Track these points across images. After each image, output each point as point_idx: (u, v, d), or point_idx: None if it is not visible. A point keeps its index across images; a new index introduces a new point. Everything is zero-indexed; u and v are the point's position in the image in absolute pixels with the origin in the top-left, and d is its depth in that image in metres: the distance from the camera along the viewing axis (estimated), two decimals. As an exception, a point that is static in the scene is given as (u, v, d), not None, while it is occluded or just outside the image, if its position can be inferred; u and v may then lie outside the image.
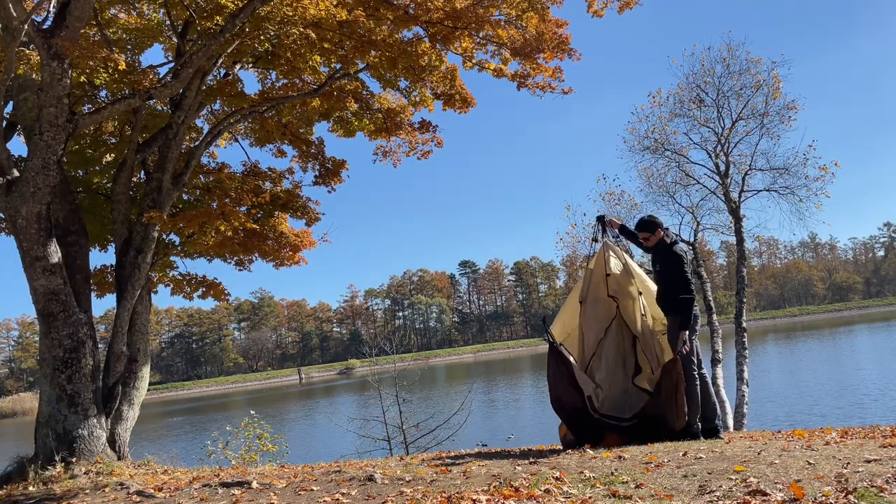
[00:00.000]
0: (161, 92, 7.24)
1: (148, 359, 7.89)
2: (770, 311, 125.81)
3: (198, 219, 7.76)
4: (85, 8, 6.45)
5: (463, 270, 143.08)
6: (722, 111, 15.54)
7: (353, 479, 5.14)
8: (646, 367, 6.25)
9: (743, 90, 15.32)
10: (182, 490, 5.43)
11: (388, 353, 19.53)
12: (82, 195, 8.71)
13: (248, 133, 10.13)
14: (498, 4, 8.18)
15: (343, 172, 9.94)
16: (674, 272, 6.15)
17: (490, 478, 4.64)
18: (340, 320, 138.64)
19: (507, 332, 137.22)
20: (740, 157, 15.58)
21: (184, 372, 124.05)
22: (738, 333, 14.77)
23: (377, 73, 8.89)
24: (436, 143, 9.78)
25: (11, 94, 7.27)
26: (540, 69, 8.61)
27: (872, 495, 3.24)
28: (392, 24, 8.00)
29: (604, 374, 6.26)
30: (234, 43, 7.61)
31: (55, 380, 6.78)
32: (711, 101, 15.56)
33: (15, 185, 6.56)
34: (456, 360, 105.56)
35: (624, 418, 6.15)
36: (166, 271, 9.11)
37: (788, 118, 15.06)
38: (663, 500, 3.57)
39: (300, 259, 9.23)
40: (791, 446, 4.97)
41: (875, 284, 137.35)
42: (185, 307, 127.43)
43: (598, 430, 6.06)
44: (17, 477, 6.46)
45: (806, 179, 14.89)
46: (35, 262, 6.64)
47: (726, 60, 15.29)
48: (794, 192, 15.02)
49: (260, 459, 11.05)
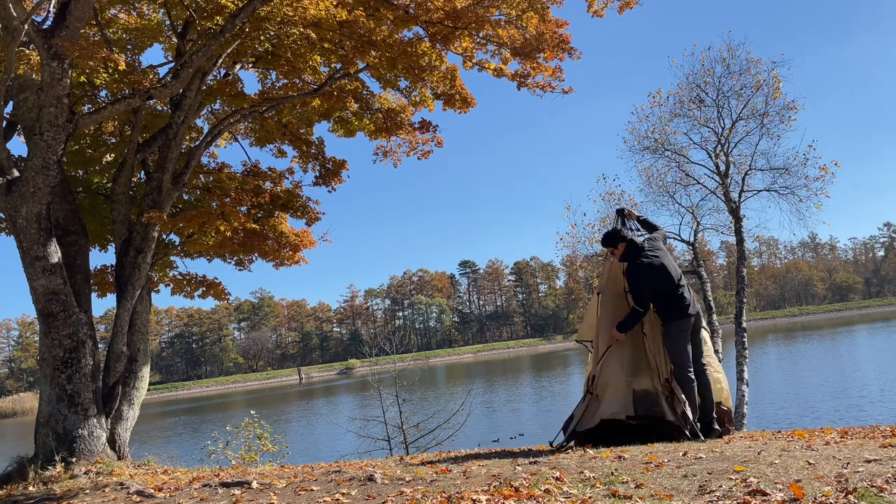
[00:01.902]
0: (161, 92, 7.24)
1: (148, 359, 7.89)
2: (770, 311, 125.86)
3: (198, 219, 7.76)
4: (85, 8, 6.45)
5: (463, 270, 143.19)
6: (722, 111, 15.56)
7: (353, 479, 5.14)
8: (651, 364, 6.25)
9: (743, 90, 15.33)
10: (182, 490, 5.43)
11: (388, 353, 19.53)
12: (82, 195, 8.71)
13: (248, 133, 10.13)
14: (498, 4, 8.17)
15: (343, 172, 9.94)
16: (630, 285, 6.20)
17: (490, 478, 4.64)
18: (340, 320, 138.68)
19: (507, 333, 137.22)
20: (740, 157, 15.60)
21: (184, 372, 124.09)
22: (738, 333, 14.76)
23: (377, 73, 8.88)
24: (436, 143, 9.78)
25: (11, 94, 7.27)
26: (540, 69, 8.61)
27: (872, 495, 3.24)
28: (392, 24, 7.99)
29: (616, 370, 6.22)
30: (235, 43, 7.61)
31: (55, 380, 6.78)
32: (711, 101, 15.58)
33: (15, 185, 6.56)
34: (456, 360, 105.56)
35: (633, 416, 6.16)
36: (166, 271, 9.11)
37: (788, 118, 15.07)
38: (663, 500, 3.57)
39: (300, 259, 9.23)
40: (791, 446, 4.97)
41: (875, 284, 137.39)
42: (185, 307, 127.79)
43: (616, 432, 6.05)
44: (17, 477, 6.46)
45: (806, 179, 14.90)
46: (35, 261, 6.64)
47: (726, 60, 15.30)
48: (794, 192, 15.03)
49: (260, 459, 11.06)
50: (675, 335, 6.19)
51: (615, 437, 5.94)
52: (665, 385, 6.13)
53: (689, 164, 15.99)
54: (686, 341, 6.20)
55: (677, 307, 6.21)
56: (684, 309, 6.21)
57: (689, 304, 6.25)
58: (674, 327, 6.20)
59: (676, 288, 6.23)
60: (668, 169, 16.06)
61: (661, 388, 6.11)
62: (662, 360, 6.24)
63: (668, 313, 6.21)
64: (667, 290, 6.21)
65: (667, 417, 6.00)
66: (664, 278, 6.21)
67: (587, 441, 5.99)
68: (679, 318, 6.19)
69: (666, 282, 6.21)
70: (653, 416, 6.06)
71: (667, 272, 6.23)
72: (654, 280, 6.18)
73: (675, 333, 6.19)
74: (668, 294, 6.21)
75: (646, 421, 6.05)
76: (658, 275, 6.19)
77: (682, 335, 6.19)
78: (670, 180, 16.07)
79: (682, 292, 6.26)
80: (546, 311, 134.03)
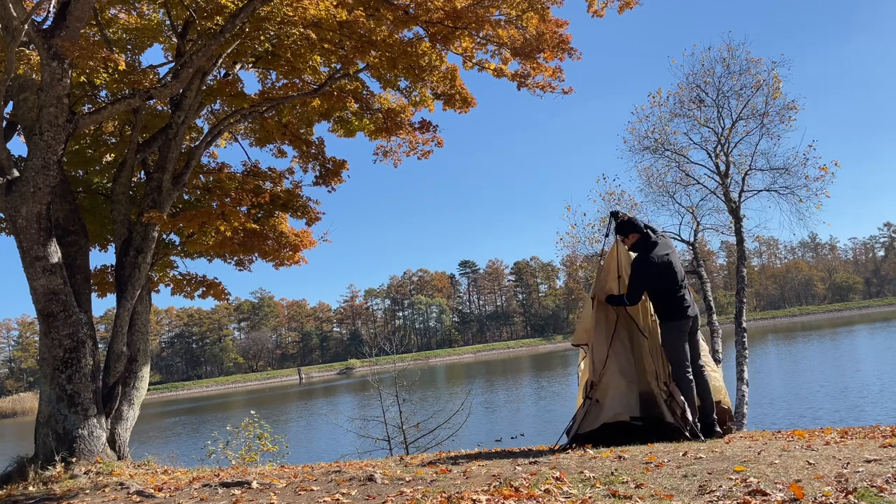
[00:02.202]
0: (161, 92, 7.24)
1: (148, 359, 7.89)
2: (770, 311, 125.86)
3: (198, 219, 7.76)
4: (85, 8, 6.45)
5: (463, 270, 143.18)
6: (722, 111, 15.55)
7: (353, 479, 5.14)
8: (650, 367, 6.25)
9: (743, 90, 15.33)
10: (182, 490, 5.43)
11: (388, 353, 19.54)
12: (82, 195, 8.71)
13: (248, 133, 10.13)
14: (498, 4, 8.17)
15: (343, 172, 9.94)
16: (631, 275, 6.23)
17: (490, 478, 4.64)
18: (340, 320, 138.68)
19: (507, 333, 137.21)
20: (740, 157, 15.59)
21: (184, 372, 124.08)
22: (738, 333, 14.76)
23: (377, 73, 8.88)
24: (436, 143, 9.78)
25: (11, 94, 7.27)
26: (540, 69, 8.61)
27: (872, 495, 3.24)
28: (392, 24, 7.99)
29: (615, 373, 6.23)
30: (235, 43, 7.61)
31: (55, 380, 6.78)
32: (711, 101, 15.57)
33: (15, 185, 6.56)
34: (456, 360, 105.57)
35: (636, 417, 6.16)
36: (166, 271, 9.11)
37: (788, 118, 15.07)
38: (663, 500, 3.57)
39: (300, 259, 9.23)
40: (791, 446, 4.97)
41: (875, 284, 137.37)
42: (185, 307, 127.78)
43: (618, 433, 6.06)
44: (17, 477, 6.46)
45: (806, 179, 14.90)
46: (35, 261, 6.64)
47: (726, 60, 15.30)
48: (794, 192, 15.03)
49: (260, 459, 11.06)
50: (673, 335, 6.20)
51: (616, 437, 5.95)
52: (664, 387, 6.13)
53: (689, 164, 16.01)
54: (684, 342, 6.22)
55: (678, 307, 6.22)
56: (684, 310, 6.23)
57: (690, 306, 6.28)
58: (673, 327, 6.21)
59: (679, 288, 6.25)
60: (668, 169, 16.08)
61: (660, 390, 6.12)
62: (661, 362, 6.25)
63: (669, 313, 6.23)
64: (670, 288, 6.22)
65: (666, 419, 6.00)
66: (669, 276, 6.22)
67: (588, 442, 6.00)
68: (678, 319, 6.21)
69: (670, 280, 6.22)
70: (653, 418, 6.07)
71: (672, 271, 6.25)
72: (659, 277, 6.20)
73: (674, 333, 6.21)
74: (671, 293, 6.23)
75: (647, 422, 6.06)
76: (664, 272, 6.21)
77: (681, 335, 6.21)
78: (670, 180, 16.09)
79: (684, 294, 6.28)
80: (546, 312, 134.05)
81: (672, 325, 6.21)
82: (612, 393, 6.13)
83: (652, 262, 6.20)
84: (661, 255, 6.25)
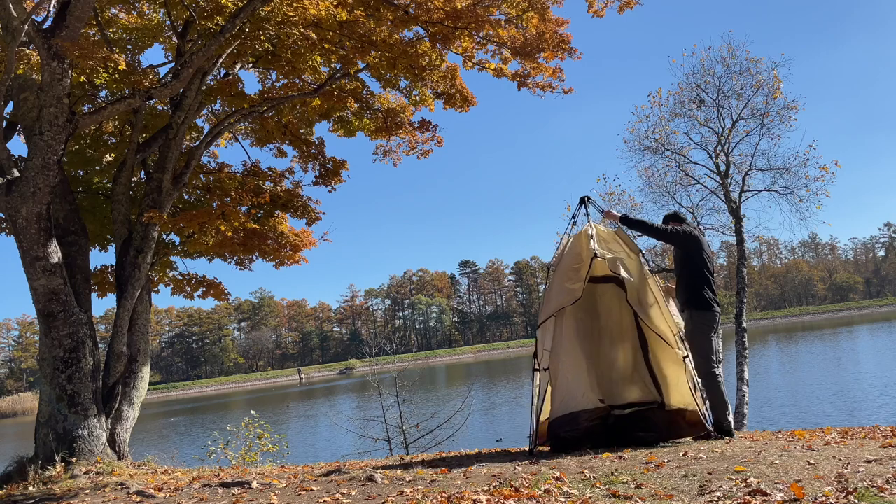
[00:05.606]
0: (161, 92, 7.24)
1: (148, 359, 7.89)
2: (770, 311, 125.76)
3: (198, 219, 7.76)
4: (85, 8, 6.45)
5: (463, 270, 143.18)
6: (722, 111, 15.56)
7: (353, 479, 5.14)
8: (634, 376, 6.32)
9: (743, 90, 15.34)
10: (182, 490, 5.43)
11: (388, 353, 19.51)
12: (82, 195, 8.71)
13: (248, 133, 10.13)
14: (498, 4, 8.18)
15: (343, 172, 9.95)
16: (669, 230, 6.48)
17: (490, 478, 4.63)
18: (340, 320, 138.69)
19: (507, 332, 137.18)
20: (740, 157, 15.59)
21: (184, 372, 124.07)
22: (739, 333, 14.75)
23: (377, 73, 8.89)
24: (436, 143, 9.78)
25: (11, 94, 7.27)
26: (540, 69, 8.61)
27: (872, 495, 3.23)
28: (392, 24, 7.99)
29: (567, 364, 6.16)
30: (235, 43, 7.61)
31: (55, 380, 6.78)
32: (712, 101, 15.58)
33: (15, 185, 6.56)
34: (456, 360, 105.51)
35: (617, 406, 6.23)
36: (166, 271, 9.11)
37: (789, 118, 15.08)
38: (663, 500, 3.57)
39: (300, 259, 9.23)
40: (791, 446, 4.97)
41: (875, 284, 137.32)
42: (185, 307, 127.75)
43: None
44: (17, 477, 6.46)
45: (806, 179, 14.90)
46: (35, 261, 6.64)
47: (726, 60, 15.31)
48: (794, 192, 15.03)
49: (260, 459, 11.06)
50: (705, 327, 6.18)
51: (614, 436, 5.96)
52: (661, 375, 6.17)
53: (690, 164, 16.01)
54: (713, 334, 6.20)
55: (711, 297, 6.26)
56: (715, 303, 6.27)
57: (718, 303, 6.32)
58: (705, 317, 6.20)
59: (704, 264, 6.34)
60: (669, 169, 16.08)
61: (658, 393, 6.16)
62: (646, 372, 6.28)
63: (702, 300, 6.23)
64: (696, 258, 6.31)
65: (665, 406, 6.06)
66: (695, 244, 6.36)
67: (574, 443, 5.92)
68: (709, 309, 6.22)
69: (695, 246, 6.33)
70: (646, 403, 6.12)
71: (700, 244, 6.39)
72: (686, 239, 6.36)
73: (706, 325, 6.19)
74: (698, 267, 6.29)
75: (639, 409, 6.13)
76: (692, 238, 6.38)
77: (711, 329, 6.19)
78: (670, 180, 16.08)
79: (711, 280, 6.34)
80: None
81: (704, 316, 6.20)
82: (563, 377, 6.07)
83: (685, 228, 6.47)
84: (694, 227, 6.39)
